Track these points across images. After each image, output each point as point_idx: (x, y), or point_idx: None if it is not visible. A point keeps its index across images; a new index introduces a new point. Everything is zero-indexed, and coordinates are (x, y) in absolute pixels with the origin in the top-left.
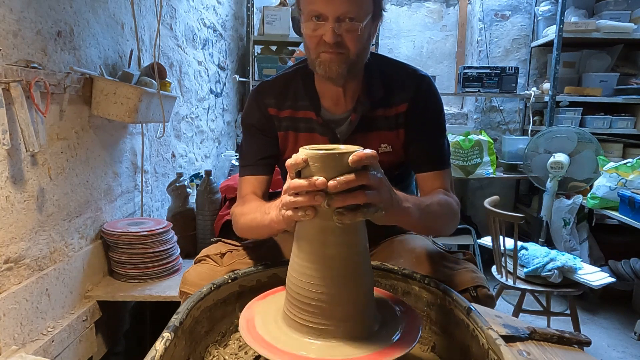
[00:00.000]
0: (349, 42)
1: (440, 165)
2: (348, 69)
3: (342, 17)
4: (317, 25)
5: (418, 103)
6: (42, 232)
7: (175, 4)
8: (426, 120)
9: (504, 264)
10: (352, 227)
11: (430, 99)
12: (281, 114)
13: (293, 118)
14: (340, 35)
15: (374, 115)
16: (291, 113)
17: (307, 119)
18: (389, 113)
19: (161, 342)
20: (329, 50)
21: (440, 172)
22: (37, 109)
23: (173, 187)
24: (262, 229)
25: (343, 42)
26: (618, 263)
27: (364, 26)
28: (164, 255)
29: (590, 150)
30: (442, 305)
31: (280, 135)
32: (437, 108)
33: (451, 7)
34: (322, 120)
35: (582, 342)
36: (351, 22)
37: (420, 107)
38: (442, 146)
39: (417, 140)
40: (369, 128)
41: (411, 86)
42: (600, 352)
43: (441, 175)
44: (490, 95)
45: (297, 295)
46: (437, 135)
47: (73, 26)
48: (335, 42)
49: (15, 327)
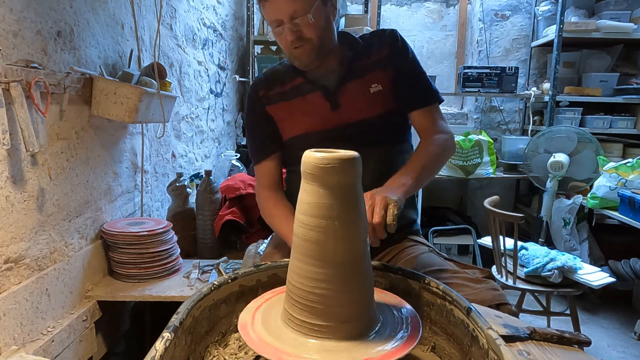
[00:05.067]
0: (307, 32)
1: (430, 99)
2: (317, 54)
3: (294, 16)
4: (279, 30)
5: (396, 45)
6: (42, 232)
7: (175, 4)
8: (408, 60)
9: (504, 264)
10: (352, 227)
11: (404, 42)
12: (270, 92)
13: (283, 92)
14: (300, 30)
15: (359, 63)
16: (281, 89)
17: (296, 86)
18: (373, 59)
19: (161, 342)
20: (296, 45)
21: (431, 107)
22: (37, 109)
23: (173, 187)
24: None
25: (302, 35)
26: (618, 263)
27: (314, 14)
28: (164, 255)
29: (590, 150)
30: (442, 305)
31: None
32: (412, 50)
33: (451, 7)
34: (311, 79)
35: (582, 342)
36: (302, 17)
37: (398, 48)
38: (427, 81)
39: (404, 79)
40: (357, 75)
41: (383, 35)
42: (600, 352)
43: (431, 111)
44: (490, 95)
45: (297, 295)
46: (421, 72)
47: (73, 26)
48: (297, 38)
49: (15, 327)
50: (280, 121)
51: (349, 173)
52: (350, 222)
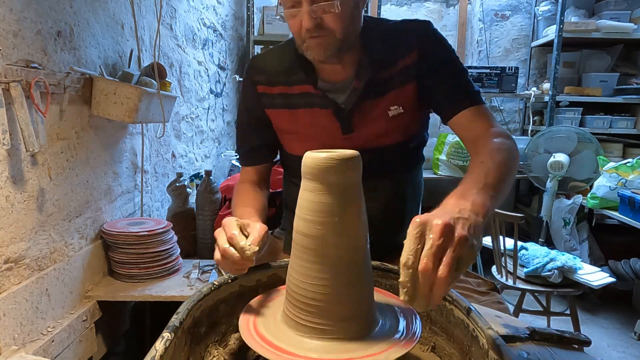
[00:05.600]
0: (330, 22)
1: (476, 99)
2: (338, 48)
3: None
4: (293, 12)
5: (427, 45)
6: (42, 232)
7: (175, 4)
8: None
9: (504, 264)
10: (353, 226)
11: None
12: (273, 90)
13: (287, 95)
14: (321, 17)
15: (379, 77)
16: (285, 89)
17: (304, 93)
18: (396, 69)
19: (161, 342)
20: (312, 35)
21: (478, 107)
22: (37, 109)
23: (173, 187)
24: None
25: (324, 24)
26: (618, 263)
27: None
28: (164, 255)
29: (590, 150)
30: (442, 305)
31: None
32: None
33: (451, 7)
34: (321, 92)
35: (582, 342)
36: (327, 2)
37: (431, 48)
38: (469, 82)
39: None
40: (375, 93)
41: (415, 32)
42: (600, 352)
43: (480, 111)
44: (490, 95)
45: (297, 295)
46: (461, 72)
47: (73, 26)
48: (316, 26)
49: (15, 327)
50: (281, 132)
51: (349, 172)
52: (351, 221)
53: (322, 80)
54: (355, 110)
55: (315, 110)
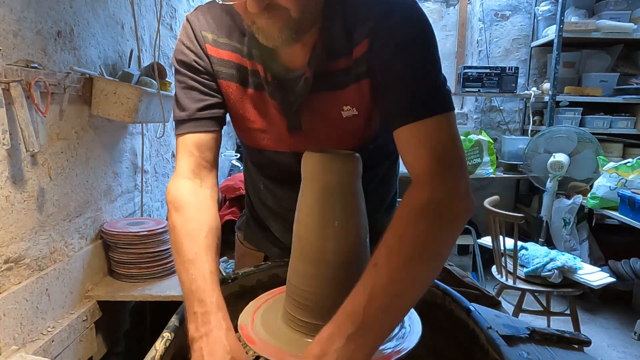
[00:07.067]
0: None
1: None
2: (295, 30)
3: None
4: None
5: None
6: (42, 232)
7: (175, 4)
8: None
9: (504, 264)
10: (352, 226)
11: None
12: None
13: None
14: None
15: (333, 68)
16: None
17: (255, 71)
18: (349, 61)
19: (161, 342)
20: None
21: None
22: (37, 109)
23: None
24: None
25: (274, 2)
26: (618, 263)
27: None
28: (164, 255)
29: (590, 150)
30: (442, 305)
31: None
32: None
33: (451, 7)
34: (271, 78)
35: (582, 342)
36: None
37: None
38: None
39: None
40: (326, 86)
41: (374, 13)
42: (600, 352)
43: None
44: (490, 95)
45: (298, 295)
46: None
47: (73, 26)
48: (266, 7)
49: (15, 327)
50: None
51: (349, 172)
52: (350, 221)
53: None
54: (306, 104)
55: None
